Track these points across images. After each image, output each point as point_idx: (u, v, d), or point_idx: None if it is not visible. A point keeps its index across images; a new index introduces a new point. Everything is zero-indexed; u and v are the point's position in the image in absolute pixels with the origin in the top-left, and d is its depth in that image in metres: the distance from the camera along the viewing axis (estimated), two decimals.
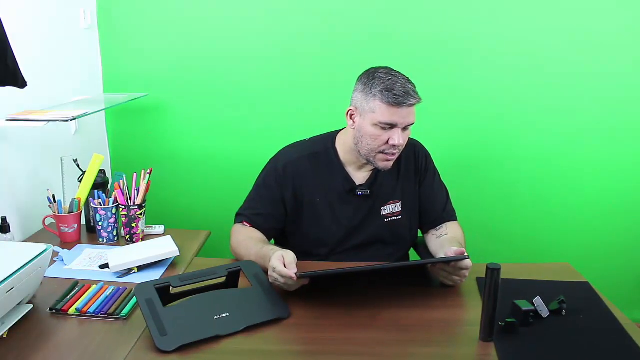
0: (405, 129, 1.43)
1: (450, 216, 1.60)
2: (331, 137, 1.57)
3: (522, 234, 2.35)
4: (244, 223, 1.52)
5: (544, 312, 1.19)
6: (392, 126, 1.40)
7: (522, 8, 2.12)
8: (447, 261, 1.29)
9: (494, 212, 2.32)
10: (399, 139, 1.41)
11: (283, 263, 1.24)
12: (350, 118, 1.48)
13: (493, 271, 1.06)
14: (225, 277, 1.24)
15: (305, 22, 2.17)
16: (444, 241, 1.50)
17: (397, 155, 1.47)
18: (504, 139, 2.26)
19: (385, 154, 1.44)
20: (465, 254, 1.28)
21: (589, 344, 1.11)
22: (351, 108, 1.47)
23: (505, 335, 1.12)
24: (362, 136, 1.45)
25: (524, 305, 1.17)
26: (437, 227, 1.58)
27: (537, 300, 1.19)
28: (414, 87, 1.41)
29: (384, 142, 1.42)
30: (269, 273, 1.27)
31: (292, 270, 1.22)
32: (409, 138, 1.61)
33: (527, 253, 2.36)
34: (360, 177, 1.55)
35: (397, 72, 1.43)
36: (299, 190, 1.53)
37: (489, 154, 2.28)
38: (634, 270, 2.37)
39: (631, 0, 2.09)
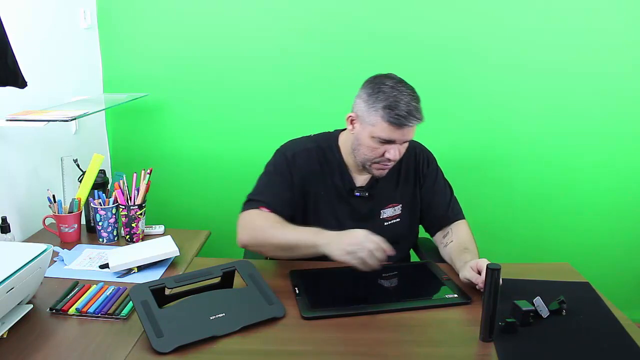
0: (403, 142, 1.42)
1: (456, 215, 1.57)
2: (334, 135, 1.57)
3: (522, 234, 2.35)
4: (262, 208, 1.42)
5: (544, 312, 1.19)
6: (390, 142, 1.39)
7: (522, 10, 2.12)
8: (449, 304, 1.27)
9: (494, 212, 2.32)
10: (395, 154, 1.41)
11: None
12: (351, 123, 1.46)
13: (493, 271, 1.06)
14: (220, 278, 1.24)
15: (305, 23, 2.17)
16: (451, 250, 1.47)
17: (392, 165, 1.46)
18: (504, 139, 2.26)
19: (380, 164, 1.44)
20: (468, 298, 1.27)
21: (589, 344, 1.11)
22: (352, 114, 1.45)
23: (505, 335, 1.12)
24: (360, 144, 1.44)
25: (524, 305, 1.17)
26: (444, 232, 1.56)
27: (537, 300, 1.19)
28: (419, 103, 1.37)
29: (380, 155, 1.42)
30: (359, 242, 1.22)
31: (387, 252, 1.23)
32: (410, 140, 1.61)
33: (527, 253, 2.36)
34: (360, 179, 1.54)
35: (404, 84, 1.39)
36: (306, 180, 1.50)
37: (489, 153, 2.28)
38: (634, 270, 2.37)
39: (631, 0, 2.09)
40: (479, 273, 1.28)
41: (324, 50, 2.18)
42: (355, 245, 1.23)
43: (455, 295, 1.27)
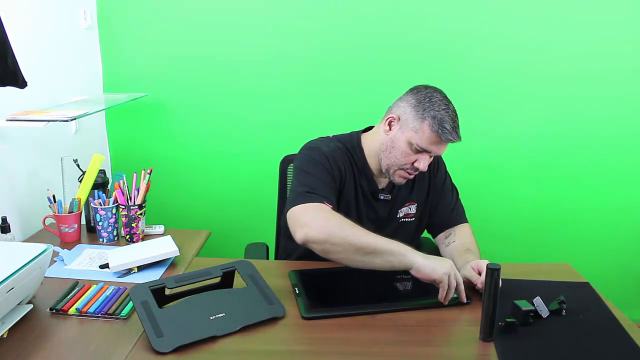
0: (432, 156, 1.44)
1: (460, 218, 1.59)
2: (356, 137, 1.55)
3: (522, 234, 2.36)
4: (326, 204, 1.34)
5: (544, 312, 1.19)
6: (424, 152, 1.41)
7: (522, 16, 2.13)
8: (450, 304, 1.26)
9: (494, 212, 2.33)
10: (425, 165, 1.42)
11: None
12: (388, 125, 1.45)
13: (493, 271, 1.06)
14: (220, 278, 1.24)
15: (306, 27, 2.17)
16: (453, 249, 1.48)
17: (413, 175, 1.47)
18: (504, 139, 2.26)
19: (406, 171, 1.45)
20: (465, 299, 1.26)
21: (589, 344, 1.11)
22: (393, 116, 1.44)
23: (505, 335, 1.12)
24: (393, 147, 1.44)
25: (524, 305, 1.17)
26: (447, 233, 1.56)
27: (537, 300, 1.19)
28: (459, 123, 1.40)
29: (409, 162, 1.43)
30: (451, 270, 1.22)
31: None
32: None
33: (527, 253, 2.36)
34: (382, 181, 1.54)
35: (451, 103, 1.41)
36: (342, 177, 1.47)
37: (489, 154, 2.28)
38: (634, 270, 2.37)
39: (631, 6, 2.10)
40: (479, 274, 1.29)
41: (324, 53, 2.18)
42: (452, 270, 1.23)
43: (455, 296, 1.27)
